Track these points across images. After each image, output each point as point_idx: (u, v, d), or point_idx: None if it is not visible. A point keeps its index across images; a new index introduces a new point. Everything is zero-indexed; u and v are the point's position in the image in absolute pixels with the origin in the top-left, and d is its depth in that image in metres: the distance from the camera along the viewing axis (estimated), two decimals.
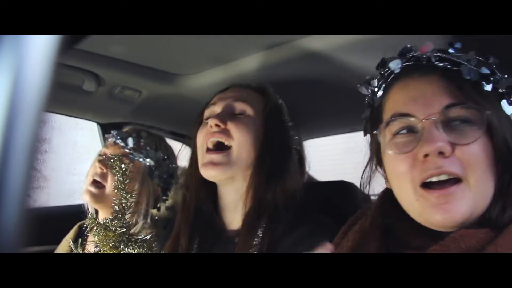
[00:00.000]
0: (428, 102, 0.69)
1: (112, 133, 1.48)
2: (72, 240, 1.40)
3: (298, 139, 1.13)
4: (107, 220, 0.99)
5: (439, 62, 0.73)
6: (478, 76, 0.71)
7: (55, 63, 0.34)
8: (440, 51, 0.74)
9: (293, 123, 1.13)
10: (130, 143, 1.42)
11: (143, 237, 1.02)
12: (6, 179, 0.31)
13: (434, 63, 0.73)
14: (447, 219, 0.66)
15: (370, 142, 0.82)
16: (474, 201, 0.66)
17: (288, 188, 1.03)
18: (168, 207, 1.38)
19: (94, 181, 1.39)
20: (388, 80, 0.77)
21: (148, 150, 1.43)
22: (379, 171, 0.82)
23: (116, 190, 1.01)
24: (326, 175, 1.47)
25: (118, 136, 1.44)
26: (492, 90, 0.71)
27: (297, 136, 1.13)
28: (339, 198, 1.24)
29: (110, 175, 1.37)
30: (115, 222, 0.99)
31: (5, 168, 0.31)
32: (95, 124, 1.79)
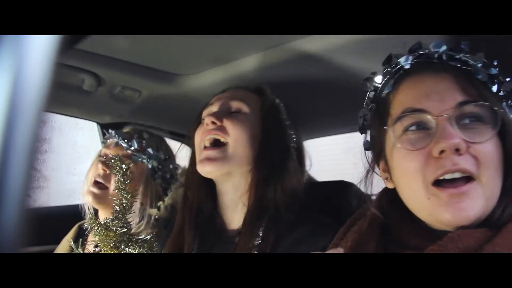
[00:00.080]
0: (442, 98, 0.69)
1: (111, 133, 1.47)
2: (72, 240, 1.40)
3: (296, 138, 1.13)
4: (107, 220, 1.00)
5: (450, 61, 0.73)
6: (487, 77, 0.71)
7: (55, 63, 0.34)
8: (451, 50, 0.74)
9: (291, 122, 1.13)
10: (134, 144, 1.42)
11: (143, 237, 1.02)
12: (6, 179, 0.31)
13: (445, 61, 0.73)
14: (459, 218, 0.64)
15: (374, 138, 0.81)
16: (485, 200, 0.66)
17: (288, 187, 1.03)
18: (167, 207, 1.38)
19: (96, 182, 1.39)
20: (396, 76, 0.76)
21: (150, 150, 1.43)
22: (375, 172, 0.81)
23: (117, 191, 1.02)
24: (326, 175, 1.46)
25: (119, 137, 1.43)
26: (497, 92, 0.71)
27: (295, 135, 1.13)
28: (339, 198, 1.24)
29: (113, 176, 1.37)
30: (116, 222, 0.99)
31: (5, 168, 0.31)
32: (95, 124, 1.78)
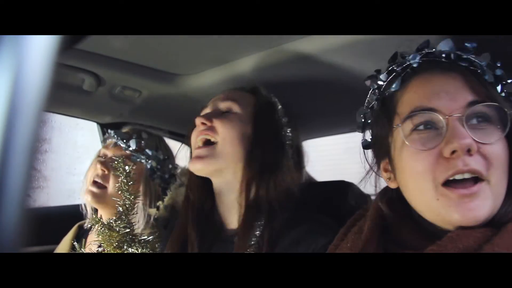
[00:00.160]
0: (452, 98, 0.68)
1: (110, 133, 1.47)
2: (74, 240, 1.41)
3: (293, 136, 1.13)
4: (111, 220, 1.01)
5: (459, 61, 0.73)
6: (493, 78, 0.71)
7: (55, 63, 0.34)
8: (459, 50, 0.74)
9: (288, 119, 1.13)
10: (133, 145, 1.42)
11: (146, 237, 1.04)
12: (6, 179, 0.31)
13: (453, 61, 0.73)
14: (468, 219, 0.64)
15: (377, 137, 0.79)
16: (493, 200, 0.65)
17: (281, 184, 1.03)
18: (167, 207, 1.38)
19: (94, 182, 1.39)
20: (403, 74, 0.76)
21: (149, 151, 1.43)
22: (375, 172, 0.81)
23: (120, 192, 1.03)
24: (326, 175, 1.46)
25: (118, 137, 1.44)
26: (500, 92, 0.71)
27: (292, 133, 1.13)
28: (339, 198, 1.24)
29: (112, 176, 1.38)
30: (119, 222, 1.01)
31: (5, 168, 0.31)
32: (95, 124, 1.78)
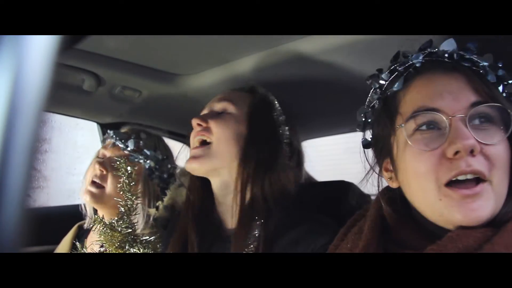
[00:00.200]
0: (455, 98, 0.68)
1: (109, 133, 1.47)
2: (76, 240, 1.41)
3: (291, 134, 1.13)
4: (113, 221, 1.02)
5: (461, 61, 0.73)
6: (495, 78, 0.71)
7: (55, 63, 0.34)
8: (462, 50, 0.74)
9: (286, 118, 1.13)
10: (131, 145, 1.42)
11: (148, 238, 1.04)
12: (6, 179, 0.31)
13: (456, 61, 0.73)
14: (470, 219, 0.64)
15: (378, 136, 0.79)
16: (495, 201, 0.66)
17: (276, 183, 1.03)
18: (166, 207, 1.38)
19: (93, 182, 1.40)
20: (406, 74, 0.75)
21: (147, 151, 1.43)
22: (375, 172, 0.81)
23: (122, 192, 1.04)
24: (326, 175, 1.46)
25: (117, 138, 1.44)
26: (501, 93, 0.71)
27: (289, 131, 1.12)
28: (339, 198, 1.24)
29: (110, 176, 1.38)
30: (121, 222, 1.02)
31: (5, 168, 0.31)
32: (95, 124, 1.78)
